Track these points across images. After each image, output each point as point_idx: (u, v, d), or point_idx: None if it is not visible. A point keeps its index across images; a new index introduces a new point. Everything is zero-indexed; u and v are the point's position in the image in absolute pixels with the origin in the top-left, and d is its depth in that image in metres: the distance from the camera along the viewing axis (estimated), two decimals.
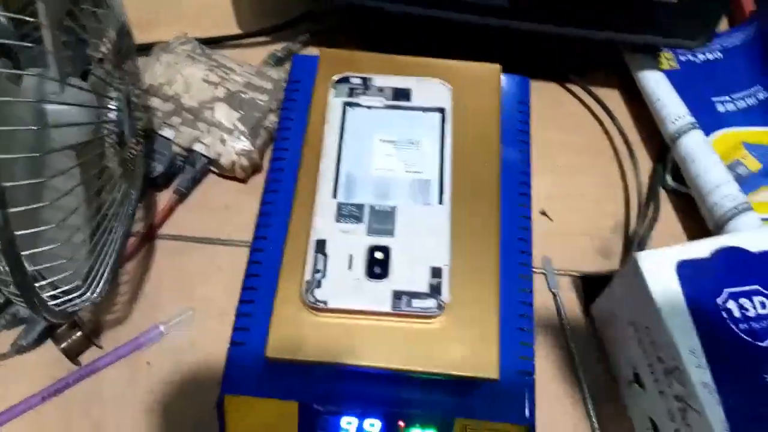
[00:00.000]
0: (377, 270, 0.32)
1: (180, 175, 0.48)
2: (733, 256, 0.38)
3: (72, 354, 0.42)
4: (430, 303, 0.31)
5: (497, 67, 0.40)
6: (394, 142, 0.36)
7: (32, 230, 0.27)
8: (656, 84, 0.50)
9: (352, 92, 0.37)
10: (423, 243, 0.33)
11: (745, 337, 0.35)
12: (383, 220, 0.33)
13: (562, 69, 0.54)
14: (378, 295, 0.31)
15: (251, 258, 0.36)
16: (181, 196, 0.47)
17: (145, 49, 0.53)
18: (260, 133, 0.47)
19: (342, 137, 0.36)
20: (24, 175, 0.30)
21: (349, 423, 0.33)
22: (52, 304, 0.31)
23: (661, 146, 0.51)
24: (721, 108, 0.53)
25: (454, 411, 0.33)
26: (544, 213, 0.49)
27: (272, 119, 0.48)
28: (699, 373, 0.34)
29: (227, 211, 0.48)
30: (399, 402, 0.33)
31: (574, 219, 0.49)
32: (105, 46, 0.34)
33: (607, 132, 0.53)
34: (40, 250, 0.29)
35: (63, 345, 0.42)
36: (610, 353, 0.44)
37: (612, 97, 0.55)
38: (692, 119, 0.48)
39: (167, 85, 0.48)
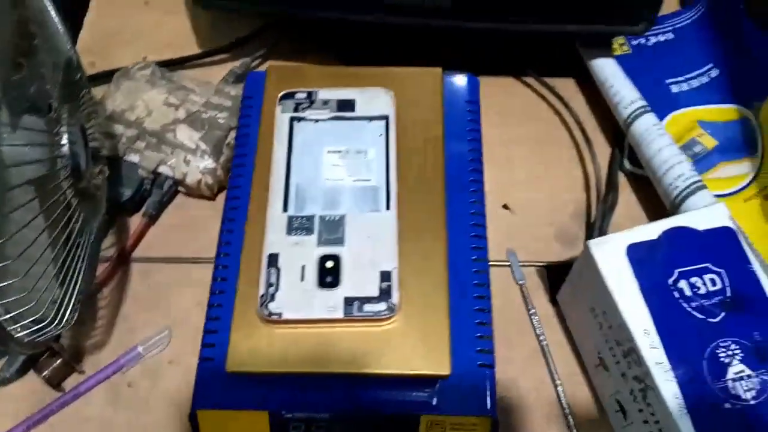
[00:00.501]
0: (329, 279, 0.33)
1: (149, 198, 0.49)
2: (681, 236, 0.39)
3: (54, 382, 0.43)
4: (381, 306, 0.32)
5: (438, 70, 0.41)
6: (341, 153, 0.37)
7: None
8: (608, 71, 0.51)
9: (297, 107, 0.38)
10: (372, 249, 0.34)
11: (696, 314, 0.36)
12: (333, 229, 0.34)
13: (516, 63, 0.55)
14: (330, 303, 0.32)
15: (215, 274, 0.38)
16: (151, 218, 0.48)
17: (105, 76, 0.54)
18: (223, 150, 0.48)
19: (290, 151, 0.37)
20: None
21: (320, 427, 0.34)
22: (21, 335, 0.32)
23: (617, 131, 0.52)
24: (675, 89, 0.54)
25: (420, 408, 0.34)
26: (506, 207, 0.50)
27: (233, 135, 0.49)
28: (653, 354, 0.35)
29: (196, 229, 0.49)
30: (366, 403, 0.34)
31: (536, 210, 0.50)
32: (53, 82, 0.35)
33: (564, 121, 0.54)
34: (1, 284, 0.30)
35: (45, 373, 0.43)
36: (577, 339, 0.45)
37: (568, 87, 0.56)
38: (644, 103, 0.49)
39: (129, 111, 0.49)
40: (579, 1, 0.45)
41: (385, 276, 0.33)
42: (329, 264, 0.33)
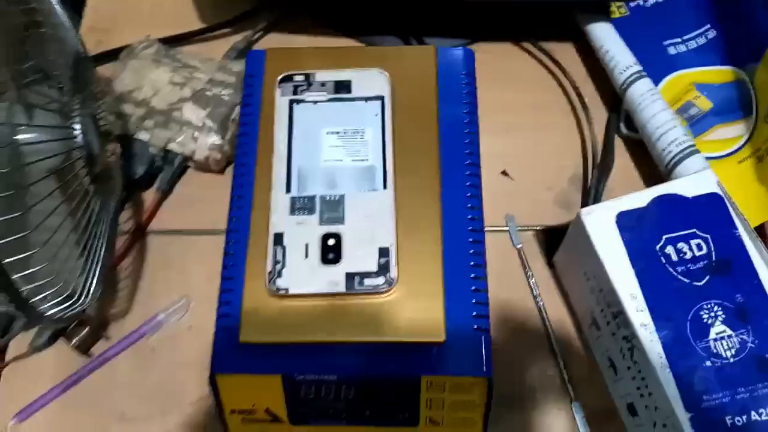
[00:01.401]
0: (330, 256, 0.35)
1: (160, 174, 0.51)
2: (670, 203, 0.40)
3: (83, 349, 0.46)
4: (380, 280, 0.34)
5: (431, 48, 0.42)
6: (340, 133, 0.38)
7: (15, 256, 0.31)
8: (604, 35, 0.52)
9: (296, 89, 0.40)
10: (370, 226, 0.36)
11: (682, 278, 0.38)
12: (333, 209, 0.36)
13: (514, 28, 0.56)
14: (333, 278, 0.34)
15: (226, 250, 0.40)
16: (164, 193, 0.51)
17: (111, 54, 0.55)
18: (229, 126, 0.50)
19: (291, 133, 0.39)
20: (7, 204, 0.34)
21: (328, 389, 0.37)
22: (52, 313, 0.35)
23: (615, 95, 0.53)
24: (672, 50, 0.54)
25: (420, 370, 0.37)
26: (505, 173, 0.52)
27: (238, 111, 0.50)
28: (639, 316, 0.38)
29: (206, 201, 0.51)
30: (370, 366, 0.37)
31: (534, 175, 0.52)
32: (64, 76, 0.37)
33: (562, 86, 0.55)
34: (31, 270, 0.33)
35: (74, 341, 0.46)
36: (572, 300, 0.47)
37: (566, 51, 0.56)
38: (639, 68, 0.50)
39: (136, 90, 0.50)
40: None
41: (384, 252, 0.35)
42: (331, 242, 0.35)
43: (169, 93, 0.50)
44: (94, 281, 0.38)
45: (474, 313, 0.37)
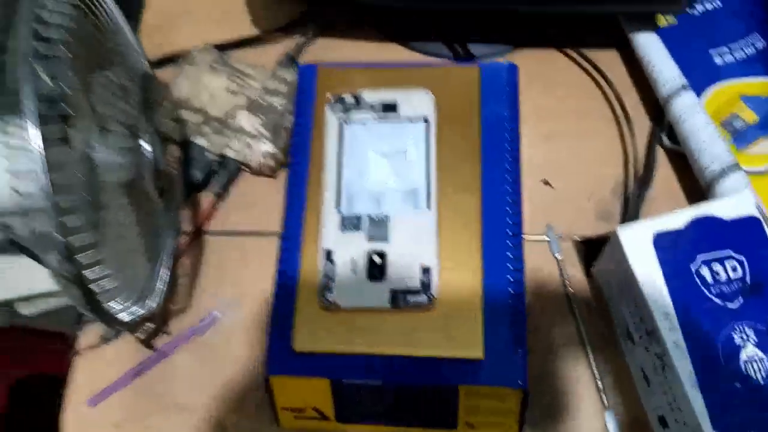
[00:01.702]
0: (376, 273, 0.38)
1: (216, 177, 0.54)
2: (706, 224, 0.41)
3: (147, 342, 0.50)
4: (422, 298, 0.37)
5: (476, 69, 0.44)
6: (386, 153, 0.41)
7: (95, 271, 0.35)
8: (649, 47, 0.52)
9: (346, 110, 0.42)
10: (414, 245, 0.38)
11: (715, 300, 0.40)
12: (379, 227, 0.39)
13: (559, 35, 0.57)
14: (378, 294, 0.37)
15: (280, 262, 0.43)
16: (220, 196, 0.54)
17: (172, 60, 0.58)
18: (281, 133, 0.53)
19: (341, 152, 0.41)
20: (85, 216, 0.37)
21: (372, 394, 0.40)
22: (123, 318, 0.39)
23: (658, 105, 0.53)
24: (718, 60, 0.54)
25: (459, 379, 0.39)
26: (546, 182, 0.53)
27: (290, 119, 0.53)
28: (671, 335, 0.39)
29: (260, 204, 0.54)
30: (412, 375, 0.39)
31: (576, 184, 0.53)
32: (133, 98, 0.40)
33: (606, 95, 0.56)
34: (105, 278, 0.36)
35: (139, 335, 0.50)
36: (611, 311, 0.49)
37: (611, 58, 0.57)
38: (683, 81, 0.50)
39: (194, 98, 0.53)
40: None
41: (426, 271, 0.37)
42: (377, 259, 0.38)
43: (224, 101, 0.53)
44: (161, 285, 0.41)
45: (512, 328, 0.40)
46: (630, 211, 0.50)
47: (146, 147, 0.40)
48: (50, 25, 0.32)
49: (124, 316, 0.39)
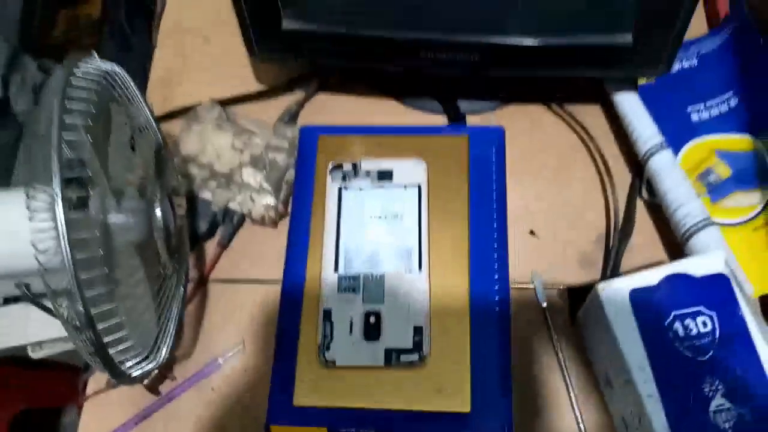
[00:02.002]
0: (372, 332, 0.40)
1: (221, 228, 0.57)
2: (679, 281, 0.44)
3: (153, 388, 0.53)
4: (414, 357, 0.40)
5: (465, 137, 0.47)
6: (382, 218, 0.44)
7: (113, 331, 0.37)
8: (629, 106, 0.55)
9: (345, 177, 0.45)
10: (407, 305, 0.41)
11: (687, 353, 0.42)
12: (375, 288, 0.42)
13: (544, 92, 0.60)
14: (373, 353, 0.40)
15: (280, 321, 0.45)
16: (224, 246, 0.57)
17: (178, 113, 0.62)
18: (282, 187, 0.56)
19: (339, 217, 0.44)
20: (100, 278, 0.40)
21: None
22: (133, 373, 0.41)
23: (638, 159, 0.56)
24: (695, 117, 0.57)
25: (448, 429, 0.42)
26: (532, 232, 0.56)
27: (291, 173, 0.56)
28: (646, 387, 0.42)
29: (262, 253, 0.57)
30: (403, 427, 0.42)
31: (560, 235, 0.56)
32: (148, 164, 0.43)
33: (589, 149, 0.59)
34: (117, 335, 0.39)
35: (146, 381, 0.53)
36: (591, 357, 0.51)
37: (594, 113, 0.60)
38: (661, 139, 0.53)
39: (201, 154, 0.56)
40: (599, 51, 0.49)
41: (418, 330, 0.40)
42: (372, 319, 0.41)
43: (230, 157, 0.56)
44: (169, 341, 0.44)
45: (498, 381, 0.42)
46: (611, 261, 0.53)
47: (157, 210, 0.43)
48: (74, 111, 0.35)
49: (134, 372, 0.42)
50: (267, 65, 0.65)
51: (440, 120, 0.60)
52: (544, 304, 0.53)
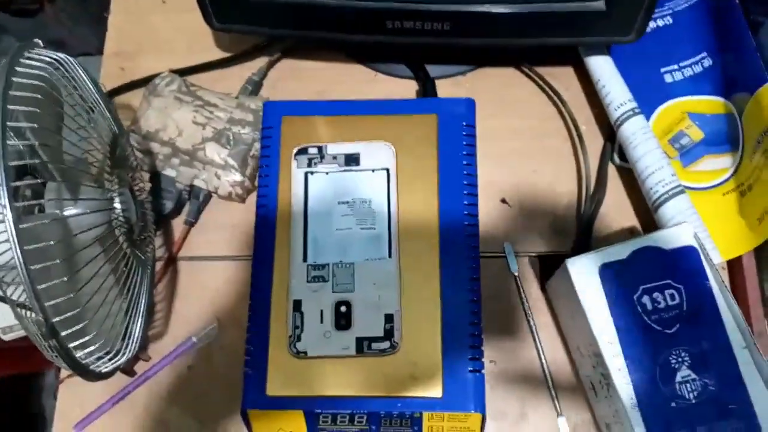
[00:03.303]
0: (342, 322, 0.40)
1: (187, 205, 0.56)
2: (648, 255, 0.44)
3: (128, 370, 0.53)
4: (386, 345, 0.40)
5: (433, 117, 0.45)
6: (350, 203, 0.43)
7: (71, 323, 0.37)
8: (601, 70, 0.54)
9: (310, 162, 0.44)
10: (377, 293, 0.41)
11: (655, 326, 0.43)
12: (345, 276, 0.41)
13: (518, 55, 0.58)
14: (344, 342, 0.40)
15: (250, 314, 0.45)
16: (191, 224, 0.56)
17: (136, 85, 0.59)
18: (248, 162, 0.54)
19: (306, 204, 0.43)
20: (60, 271, 0.39)
21: (343, 419, 0.43)
22: (97, 367, 0.41)
23: (611, 123, 0.56)
24: (669, 78, 0.56)
25: (422, 408, 0.42)
26: (504, 201, 0.56)
27: (257, 147, 0.54)
28: (615, 361, 0.43)
29: (231, 229, 0.56)
30: (379, 405, 0.43)
31: (532, 202, 0.56)
32: (102, 152, 0.41)
33: (561, 114, 0.58)
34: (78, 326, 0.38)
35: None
36: (563, 326, 0.52)
37: (567, 75, 0.59)
38: (633, 105, 0.52)
39: (162, 130, 0.54)
40: (570, 19, 0.48)
41: (389, 318, 0.40)
42: (343, 309, 0.40)
43: (192, 133, 0.54)
44: (138, 333, 0.43)
45: (471, 362, 0.43)
46: (582, 228, 0.53)
47: (117, 202, 0.41)
48: (19, 99, 0.33)
49: (104, 368, 0.41)
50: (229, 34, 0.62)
51: (410, 85, 0.59)
52: (516, 273, 0.54)
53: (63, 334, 0.36)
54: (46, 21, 1.22)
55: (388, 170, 0.44)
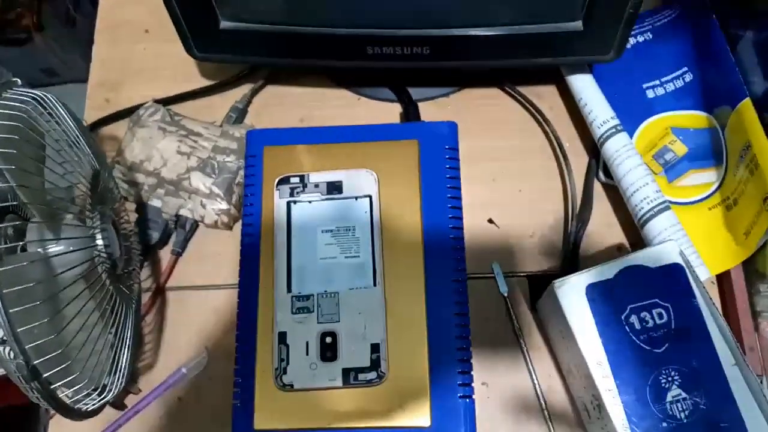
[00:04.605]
0: (328, 354, 0.40)
1: (174, 235, 0.56)
2: (635, 274, 0.44)
3: (117, 404, 0.52)
4: (372, 375, 0.39)
5: (415, 143, 0.45)
6: (333, 231, 0.43)
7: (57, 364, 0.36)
8: (583, 89, 0.54)
9: (293, 191, 0.44)
10: (363, 323, 0.41)
11: (644, 346, 0.43)
12: (329, 307, 0.41)
13: (501, 74, 0.58)
14: (331, 373, 0.40)
15: (237, 346, 0.45)
16: (178, 254, 0.55)
17: (119, 117, 0.59)
18: (234, 189, 0.54)
19: (290, 234, 0.43)
20: (42, 312, 0.39)
21: None
22: (84, 409, 0.40)
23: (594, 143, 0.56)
24: (651, 94, 0.56)
25: None
26: (491, 221, 0.56)
27: (242, 174, 0.54)
28: (604, 382, 0.42)
29: (219, 257, 0.56)
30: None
31: (519, 222, 0.56)
32: (83, 190, 0.41)
33: (546, 132, 0.58)
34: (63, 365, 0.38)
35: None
36: (553, 347, 0.52)
37: (550, 94, 0.59)
38: (616, 123, 0.53)
39: (147, 161, 0.54)
40: (549, 40, 0.48)
41: (375, 348, 0.40)
42: (328, 339, 0.40)
43: (177, 163, 0.54)
44: (124, 369, 0.43)
45: (460, 390, 0.42)
46: (570, 247, 0.53)
47: (99, 239, 0.41)
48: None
49: (89, 407, 0.41)
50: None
51: (394, 108, 0.59)
52: (505, 293, 0.53)
53: (46, 375, 0.36)
54: (36, 49, 1.23)
55: (370, 197, 0.43)
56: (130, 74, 0.63)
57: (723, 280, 0.52)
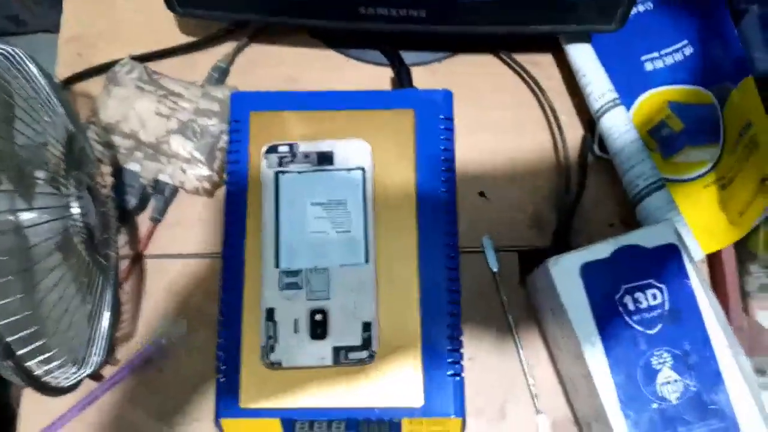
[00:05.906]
0: (318, 331, 0.39)
1: (152, 200, 0.53)
2: (630, 253, 0.43)
3: (94, 375, 0.50)
4: (363, 354, 0.38)
5: (410, 112, 0.43)
6: (324, 204, 0.41)
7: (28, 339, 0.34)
8: (581, 60, 0.52)
9: (281, 161, 0.41)
10: (354, 300, 0.39)
11: (637, 327, 0.42)
12: (319, 283, 0.39)
13: (495, 41, 0.56)
14: (321, 352, 0.38)
15: (221, 321, 0.43)
16: (157, 221, 0.53)
17: (93, 73, 0.56)
18: (216, 155, 0.52)
19: (278, 206, 0.41)
20: (15, 287, 0.37)
21: (320, 427, 0.42)
22: (60, 385, 0.39)
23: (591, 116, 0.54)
24: (649, 66, 0.55)
25: (402, 415, 0.41)
26: (482, 194, 0.54)
27: (225, 139, 0.52)
28: (596, 361, 0.42)
29: (198, 225, 0.54)
30: (357, 413, 0.41)
31: (511, 196, 0.54)
32: (56, 154, 0.38)
33: (540, 103, 0.56)
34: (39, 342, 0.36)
35: None
36: (542, 322, 0.51)
37: (547, 62, 0.57)
38: (614, 96, 0.51)
39: (123, 122, 0.51)
40: (550, 6, 0.46)
41: (366, 326, 0.39)
42: (318, 317, 0.39)
43: (156, 125, 0.51)
44: (103, 343, 0.41)
45: (450, 362, 0.42)
46: (562, 223, 0.52)
47: (74, 207, 0.39)
48: None
49: (66, 383, 0.39)
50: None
51: (383, 72, 0.56)
52: (495, 269, 0.52)
53: (21, 352, 0.34)
54: None
55: (363, 169, 0.42)
56: (106, 28, 0.59)
57: (714, 259, 0.52)
